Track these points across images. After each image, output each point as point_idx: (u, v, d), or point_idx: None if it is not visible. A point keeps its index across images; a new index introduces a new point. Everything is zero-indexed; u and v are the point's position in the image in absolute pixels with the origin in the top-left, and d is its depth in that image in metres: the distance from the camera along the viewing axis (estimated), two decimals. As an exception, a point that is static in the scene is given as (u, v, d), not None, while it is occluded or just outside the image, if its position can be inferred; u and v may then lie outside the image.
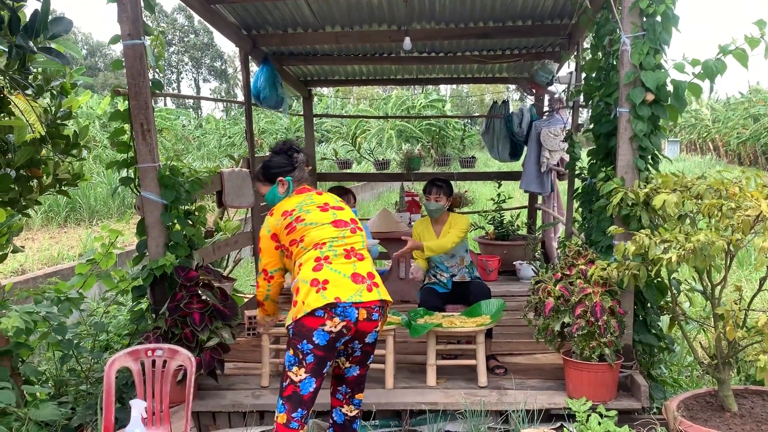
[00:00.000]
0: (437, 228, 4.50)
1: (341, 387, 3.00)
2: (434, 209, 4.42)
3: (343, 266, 2.80)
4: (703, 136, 28.21)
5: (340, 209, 3.05)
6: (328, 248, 2.84)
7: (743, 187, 3.14)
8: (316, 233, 2.89)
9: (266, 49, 6.00)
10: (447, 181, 4.49)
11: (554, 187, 6.77)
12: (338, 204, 3.09)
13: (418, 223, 4.63)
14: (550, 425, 3.53)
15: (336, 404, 3.02)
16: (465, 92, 25.30)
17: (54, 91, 3.87)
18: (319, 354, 2.69)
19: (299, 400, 2.72)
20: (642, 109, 3.45)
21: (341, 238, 2.90)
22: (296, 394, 2.72)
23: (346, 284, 2.73)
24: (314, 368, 2.70)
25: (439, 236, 4.43)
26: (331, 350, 2.73)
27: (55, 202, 11.99)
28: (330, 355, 2.74)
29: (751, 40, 3.19)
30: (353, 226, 2.99)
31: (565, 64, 6.26)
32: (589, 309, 3.44)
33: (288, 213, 3.00)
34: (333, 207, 3.04)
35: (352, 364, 2.95)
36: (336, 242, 2.87)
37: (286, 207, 3.04)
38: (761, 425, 3.08)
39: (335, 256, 2.82)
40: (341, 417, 3.00)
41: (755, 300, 3.32)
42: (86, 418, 3.59)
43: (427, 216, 4.59)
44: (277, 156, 3.22)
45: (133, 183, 3.82)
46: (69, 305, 3.84)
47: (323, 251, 2.83)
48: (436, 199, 4.38)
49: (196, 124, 24.10)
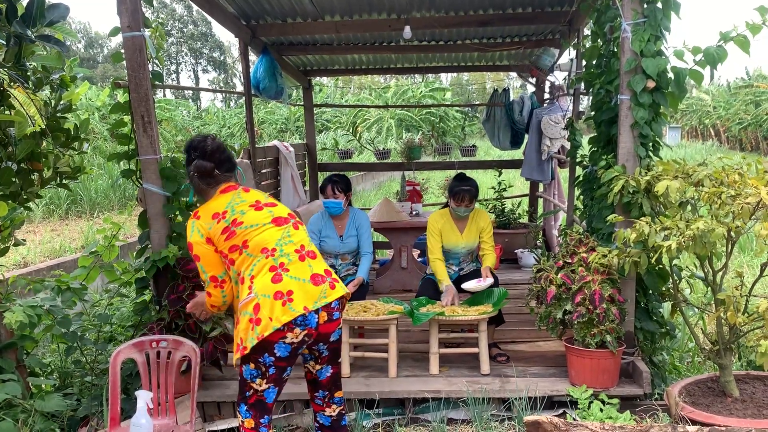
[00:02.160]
0: (460, 224, 4.41)
1: (318, 392, 2.95)
2: (464, 214, 4.36)
3: (300, 271, 2.69)
4: (704, 122, 28.16)
5: (274, 205, 2.88)
6: (280, 253, 2.70)
7: (744, 174, 3.15)
8: (260, 237, 2.73)
9: (265, 39, 5.98)
10: (470, 179, 4.38)
11: (555, 174, 6.76)
12: (269, 200, 2.91)
13: (437, 217, 4.46)
14: (553, 412, 3.55)
15: (317, 409, 2.97)
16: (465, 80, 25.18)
17: (54, 84, 3.86)
18: (281, 365, 2.69)
19: (264, 408, 2.75)
20: (643, 97, 3.45)
21: (287, 237, 2.76)
22: (261, 403, 2.74)
23: (310, 290, 2.65)
24: (276, 378, 2.71)
25: (462, 232, 4.38)
26: (293, 358, 2.72)
27: (56, 194, 12.00)
28: (292, 361, 2.72)
29: (752, 26, 3.19)
30: (294, 221, 2.85)
31: (565, 52, 6.24)
32: (588, 297, 3.46)
33: (220, 215, 2.77)
34: (266, 204, 2.86)
35: (322, 364, 2.89)
36: (284, 244, 2.73)
37: (216, 208, 2.81)
38: (762, 410, 3.10)
39: (290, 262, 2.70)
40: (327, 420, 2.95)
41: (756, 286, 3.33)
42: (92, 409, 3.62)
43: (445, 209, 4.50)
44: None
45: (134, 175, 3.83)
46: (71, 295, 3.85)
47: (276, 258, 2.69)
48: (467, 205, 4.31)
49: (195, 115, 24.06)
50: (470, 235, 4.38)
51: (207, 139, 2.92)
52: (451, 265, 4.47)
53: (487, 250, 4.35)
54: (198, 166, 2.84)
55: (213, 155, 2.86)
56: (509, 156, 8.51)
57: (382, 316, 3.89)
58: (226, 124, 22.60)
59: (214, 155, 2.86)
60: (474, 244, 4.40)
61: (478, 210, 4.46)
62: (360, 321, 3.92)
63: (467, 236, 4.38)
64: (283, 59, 6.64)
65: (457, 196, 4.29)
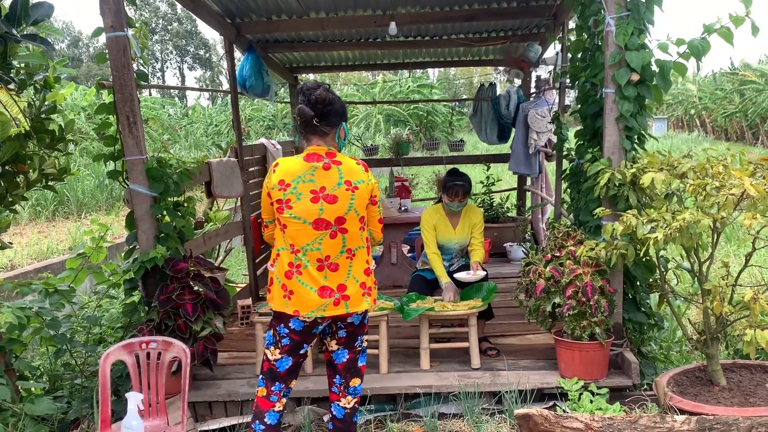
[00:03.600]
0: (453, 220, 4.42)
1: (335, 378, 2.98)
2: (457, 210, 4.37)
3: (312, 279, 2.73)
4: (690, 113, 28.34)
5: (333, 200, 2.73)
6: (302, 256, 2.73)
7: (728, 165, 3.18)
8: (294, 231, 2.73)
9: (251, 37, 5.95)
10: (463, 174, 4.37)
11: (542, 168, 6.79)
12: (335, 190, 2.74)
13: (431, 212, 4.46)
14: (543, 404, 3.57)
15: (333, 398, 3.01)
16: (452, 75, 25.25)
17: (37, 85, 3.83)
18: (295, 338, 2.81)
19: (276, 376, 2.87)
20: (627, 90, 3.47)
21: (317, 244, 2.73)
22: (272, 372, 2.87)
23: (311, 299, 2.72)
24: (289, 350, 2.83)
25: (455, 228, 4.39)
26: (308, 335, 2.82)
27: (43, 196, 11.92)
28: (307, 338, 2.83)
29: (735, 18, 3.21)
30: (335, 228, 2.74)
31: (550, 46, 6.26)
32: (580, 289, 3.48)
33: (284, 186, 2.73)
34: (325, 195, 2.73)
35: (339, 346, 2.93)
36: (310, 250, 2.73)
37: (286, 175, 2.75)
38: (749, 398, 3.14)
39: (306, 267, 2.73)
40: (341, 411, 2.98)
41: (742, 275, 3.37)
42: (82, 411, 3.60)
43: (438, 205, 4.50)
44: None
45: (120, 176, 3.81)
46: (59, 298, 3.83)
47: (297, 258, 2.74)
48: (461, 200, 4.31)
49: (182, 114, 23.92)
50: (463, 230, 4.40)
51: (319, 87, 2.79)
52: (443, 260, 4.48)
53: (476, 246, 4.37)
54: (300, 110, 2.76)
55: (316, 105, 2.74)
56: (497, 150, 8.53)
57: (372, 312, 3.89)
58: (213, 122, 22.50)
59: (317, 105, 2.74)
60: (466, 240, 4.42)
61: (470, 206, 4.47)
62: (350, 318, 3.92)
63: (460, 232, 4.40)
64: (268, 57, 6.61)
65: (451, 191, 4.30)
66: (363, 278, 2.83)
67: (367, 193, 2.83)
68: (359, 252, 2.83)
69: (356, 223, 2.80)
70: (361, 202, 2.80)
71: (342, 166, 2.79)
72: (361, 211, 2.81)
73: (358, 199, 2.78)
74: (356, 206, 2.78)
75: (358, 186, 2.79)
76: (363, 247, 2.85)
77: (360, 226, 2.82)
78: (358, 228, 2.81)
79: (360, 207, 2.80)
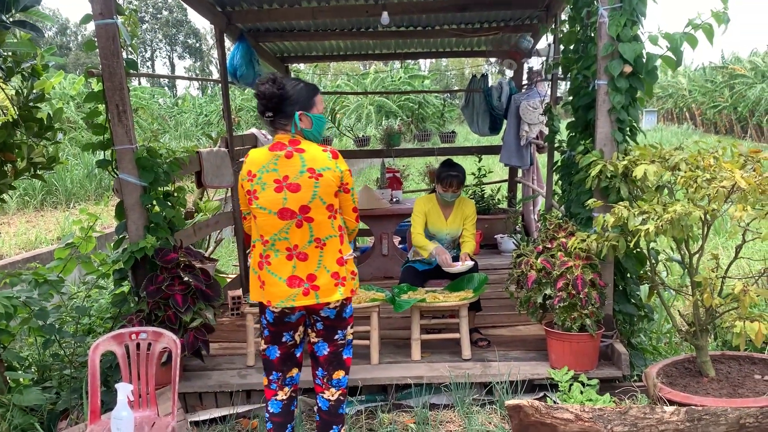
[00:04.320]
0: (446, 210, 4.43)
1: (318, 371, 2.96)
2: (451, 200, 4.38)
3: (281, 268, 2.72)
4: (680, 106, 28.46)
5: (296, 189, 2.67)
6: (271, 246, 2.73)
7: (719, 158, 3.19)
8: (262, 221, 2.72)
9: (241, 26, 5.90)
10: (457, 165, 4.39)
11: (534, 160, 6.80)
12: (298, 178, 2.68)
13: (423, 201, 4.48)
14: (533, 395, 3.59)
15: (318, 390, 3.00)
16: (444, 66, 25.18)
17: (25, 73, 3.78)
18: (271, 329, 2.88)
19: (270, 365, 2.94)
20: (620, 81, 3.47)
21: (284, 234, 2.70)
22: (266, 361, 2.95)
23: (281, 289, 2.72)
24: (272, 339, 2.90)
25: (447, 219, 4.40)
26: (281, 325, 2.85)
27: (31, 185, 11.81)
28: (283, 328, 2.86)
29: (717, 14, 3.22)
30: (300, 218, 2.69)
31: (543, 37, 6.25)
32: (571, 282, 3.49)
33: (251, 176, 2.72)
34: (288, 184, 2.68)
35: (319, 338, 2.91)
36: (278, 240, 2.71)
37: (253, 165, 2.74)
38: (737, 389, 3.16)
39: (276, 257, 2.73)
40: (325, 404, 2.97)
41: (732, 267, 3.38)
42: (71, 402, 3.58)
43: (432, 195, 4.51)
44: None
45: (110, 165, 3.77)
46: (48, 288, 3.80)
47: (266, 249, 2.74)
48: (455, 191, 4.32)
49: (172, 103, 23.74)
50: (455, 222, 4.40)
51: (267, 82, 2.69)
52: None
53: (468, 238, 4.38)
54: (257, 106, 2.74)
55: (262, 100, 2.69)
56: (488, 142, 8.53)
57: (364, 303, 3.89)
58: (203, 111, 22.34)
59: (262, 101, 2.69)
60: (458, 231, 4.42)
61: (464, 198, 4.48)
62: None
63: (452, 223, 4.40)
64: (259, 46, 6.57)
65: (445, 181, 4.31)
66: (335, 268, 2.77)
67: (335, 180, 2.74)
68: (330, 241, 2.77)
69: (323, 212, 2.73)
70: (327, 190, 2.72)
71: (305, 154, 2.72)
72: (328, 199, 2.73)
73: (323, 186, 2.70)
74: (321, 194, 2.70)
75: (323, 173, 2.70)
76: (335, 236, 2.79)
77: (328, 214, 2.75)
78: (326, 217, 2.74)
79: (326, 195, 2.72)
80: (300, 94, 2.74)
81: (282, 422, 2.95)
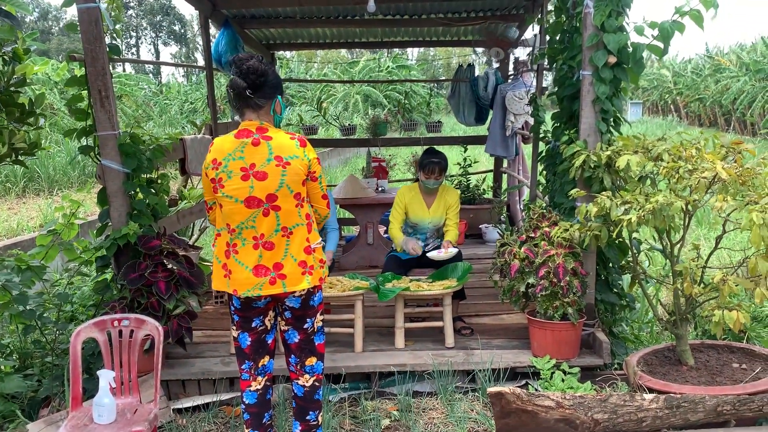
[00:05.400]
0: (428, 199, 4.45)
1: (291, 358, 2.96)
2: (433, 187, 4.39)
3: (247, 257, 2.70)
4: (665, 98, 28.63)
5: (263, 177, 2.65)
6: (237, 235, 2.71)
7: (701, 149, 3.22)
8: (229, 210, 2.69)
9: (227, 12, 5.86)
10: (439, 153, 4.40)
11: (519, 150, 6.81)
12: (264, 166, 2.66)
13: (405, 191, 4.50)
14: (516, 383, 3.62)
15: (292, 377, 3.00)
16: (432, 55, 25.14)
17: (6, 57, 3.73)
18: (240, 314, 2.84)
19: (242, 353, 2.90)
20: (604, 72, 3.48)
21: (251, 222, 2.68)
22: (239, 349, 2.91)
23: (246, 278, 2.70)
24: (242, 325, 2.86)
25: (430, 207, 4.42)
26: (249, 310, 2.81)
27: (12, 171, 11.67)
28: (251, 313, 2.82)
29: (705, 0, 3.22)
30: (267, 206, 2.67)
31: (529, 27, 6.25)
32: (552, 270, 3.51)
33: (216, 165, 2.68)
34: (255, 172, 2.65)
35: (289, 326, 2.91)
36: (245, 228, 2.69)
37: (218, 153, 2.69)
38: (715, 377, 3.21)
39: (242, 246, 2.70)
40: (300, 390, 2.97)
41: (712, 258, 3.43)
42: (53, 389, 3.57)
43: (415, 184, 4.52)
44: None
45: (92, 151, 3.74)
46: (31, 275, 3.77)
47: (232, 238, 2.72)
48: (437, 178, 4.34)
49: (156, 90, 23.50)
50: (437, 210, 4.41)
51: (252, 58, 2.68)
52: (418, 239, 4.50)
53: (450, 226, 4.40)
54: (232, 82, 2.66)
55: (248, 75, 2.64)
56: (474, 132, 8.53)
57: (348, 292, 3.90)
58: (188, 99, 22.13)
59: (249, 76, 2.64)
60: (441, 220, 4.43)
61: (447, 187, 4.49)
62: (326, 297, 3.91)
63: (434, 211, 4.41)
64: (245, 33, 6.51)
65: (427, 168, 4.33)
66: (302, 257, 2.75)
67: (303, 168, 2.72)
68: (297, 230, 2.75)
69: (290, 200, 2.71)
70: (294, 179, 2.69)
71: (272, 142, 2.69)
72: (296, 187, 2.71)
73: (290, 175, 2.68)
74: (288, 182, 2.68)
75: (290, 162, 2.68)
76: (302, 224, 2.76)
77: (296, 203, 2.73)
78: (293, 205, 2.72)
79: (293, 183, 2.70)
80: (277, 78, 2.76)
81: (258, 412, 2.93)
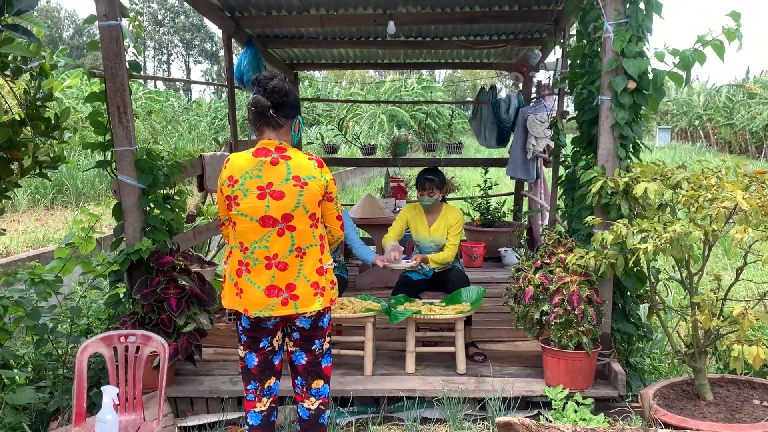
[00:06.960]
0: (430, 217, 4.44)
1: (297, 380, 2.95)
2: (429, 204, 4.39)
3: (260, 277, 2.68)
4: (694, 124, 28.28)
5: (280, 197, 2.66)
6: (250, 254, 2.69)
7: (722, 178, 3.14)
8: (243, 228, 2.68)
9: (250, 31, 5.92)
10: (437, 171, 4.40)
11: (540, 173, 6.75)
12: (282, 186, 2.66)
13: (408, 209, 4.53)
14: (527, 413, 3.54)
15: (298, 399, 2.98)
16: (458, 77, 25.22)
17: (33, 72, 3.80)
18: (248, 334, 2.82)
19: (248, 373, 2.88)
20: (623, 97, 3.43)
21: (264, 242, 2.67)
22: (245, 369, 2.89)
23: (258, 298, 2.68)
24: (249, 345, 2.84)
25: (431, 226, 4.40)
26: (258, 330, 2.79)
27: (42, 184, 11.89)
28: (259, 334, 2.80)
29: (728, 31, 3.18)
30: (282, 226, 2.67)
31: (551, 51, 6.22)
32: (567, 298, 3.44)
33: (232, 182, 2.68)
34: (272, 191, 2.65)
35: (296, 348, 2.89)
36: (258, 248, 2.68)
37: (235, 171, 2.69)
38: (735, 413, 3.10)
39: (254, 265, 2.69)
40: (305, 413, 2.94)
41: (738, 288, 3.32)
42: (63, 402, 3.58)
43: (418, 202, 4.52)
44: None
45: (109, 166, 3.78)
46: (45, 288, 3.80)
47: (245, 257, 2.70)
48: (430, 195, 4.35)
49: (186, 107, 23.89)
50: (438, 229, 4.39)
51: (276, 77, 2.72)
52: (401, 248, 4.46)
53: (447, 246, 4.37)
54: (256, 100, 2.67)
55: (273, 94, 2.66)
56: (497, 154, 8.50)
57: (359, 313, 3.86)
58: (218, 115, 22.47)
59: (273, 94, 2.66)
60: (442, 239, 4.39)
61: (450, 207, 4.47)
62: (337, 318, 3.88)
63: (435, 231, 4.39)
64: (268, 52, 6.58)
65: (420, 185, 4.39)
66: (315, 278, 2.74)
67: (320, 189, 2.73)
68: (311, 251, 2.74)
69: (305, 221, 2.71)
70: (311, 199, 2.70)
71: (291, 162, 2.69)
72: (311, 207, 2.71)
73: (307, 195, 2.68)
74: (305, 203, 2.69)
75: (308, 182, 2.69)
76: (315, 245, 2.76)
77: (311, 223, 2.73)
78: (308, 225, 2.72)
79: (309, 204, 2.70)
80: (297, 98, 2.80)
81: None
